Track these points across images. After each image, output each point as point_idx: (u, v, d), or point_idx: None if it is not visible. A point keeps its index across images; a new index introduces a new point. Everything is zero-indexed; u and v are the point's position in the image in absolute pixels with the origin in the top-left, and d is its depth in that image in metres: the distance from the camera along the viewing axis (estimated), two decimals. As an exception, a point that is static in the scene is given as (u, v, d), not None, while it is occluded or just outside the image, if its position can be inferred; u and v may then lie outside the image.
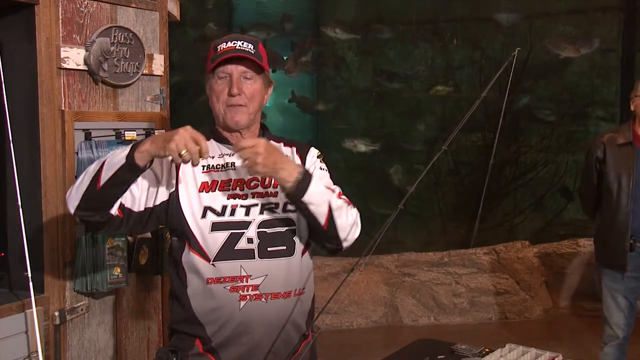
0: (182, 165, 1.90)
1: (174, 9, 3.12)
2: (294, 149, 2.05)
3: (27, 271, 2.11)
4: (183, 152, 1.70)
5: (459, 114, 6.82)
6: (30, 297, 2.12)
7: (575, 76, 7.43)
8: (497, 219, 7.39)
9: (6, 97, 2.25)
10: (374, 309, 5.47)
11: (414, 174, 7.11)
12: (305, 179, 1.83)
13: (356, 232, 1.93)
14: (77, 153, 2.52)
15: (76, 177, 2.48)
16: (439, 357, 2.18)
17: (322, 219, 1.86)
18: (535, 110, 7.52)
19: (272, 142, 2.00)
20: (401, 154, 7.44)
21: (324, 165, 2.05)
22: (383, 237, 1.76)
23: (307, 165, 2.02)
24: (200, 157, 1.74)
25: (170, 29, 2.95)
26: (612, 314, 3.46)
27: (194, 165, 1.76)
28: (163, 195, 1.89)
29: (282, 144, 2.05)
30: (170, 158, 1.79)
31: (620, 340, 3.46)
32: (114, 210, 1.84)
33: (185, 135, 1.72)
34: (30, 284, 2.11)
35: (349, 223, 1.90)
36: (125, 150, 1.78)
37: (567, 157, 7.31)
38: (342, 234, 1.90)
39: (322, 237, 1.92)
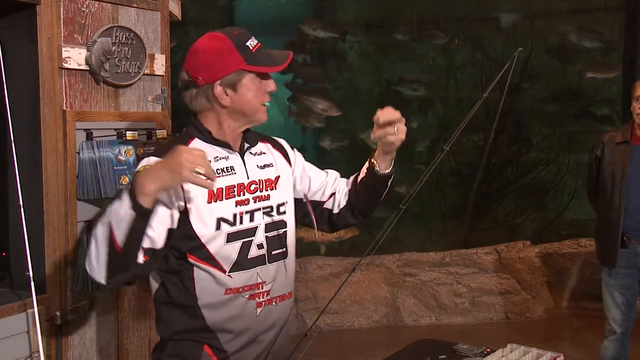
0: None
1: (175, 8, 3.11)
2: (269, 145, 2.05)
3: (28, 271, 2.12)
4: (197, 169, 1.61)
5: (460, 114, 6.81)
6: (31, 296, 2.13)
7: (577, 76, 7.42)
8: (499, 219, 7.38)
9: (8, 97, 2.25)
10: (375, 308, 5.47)
11: (415, 174, 7.11)
12: None
13: None
14: (78, 153, 2.51)
15: (77, 177, 2.49)
16: (440, 357, 2.17)
17: (385, 192, 2.04)
18: (537, 110, 7.51)
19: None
20: (401, 153, 7.41)
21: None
22: (385, 237, 1.77)
23: (292, 158, 2.07)
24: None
25: (171, 29, 2.95)
26: (610, 309, 3.51)
27: (212, 178, 1.64)
28: (176, 218, 1.79)
29: (258, 140, 2.04)
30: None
31: (618, 336, 3.48)
32: (141, 259, 1.71)
33: (188, 156, 1.62)
34: (32, 283, 2.12)
35: None
36: (124, 201, 1.63)
37: (568, 156, 7.31)
38: (375, 211, 2.09)
39: (365, 208, 2.07)
